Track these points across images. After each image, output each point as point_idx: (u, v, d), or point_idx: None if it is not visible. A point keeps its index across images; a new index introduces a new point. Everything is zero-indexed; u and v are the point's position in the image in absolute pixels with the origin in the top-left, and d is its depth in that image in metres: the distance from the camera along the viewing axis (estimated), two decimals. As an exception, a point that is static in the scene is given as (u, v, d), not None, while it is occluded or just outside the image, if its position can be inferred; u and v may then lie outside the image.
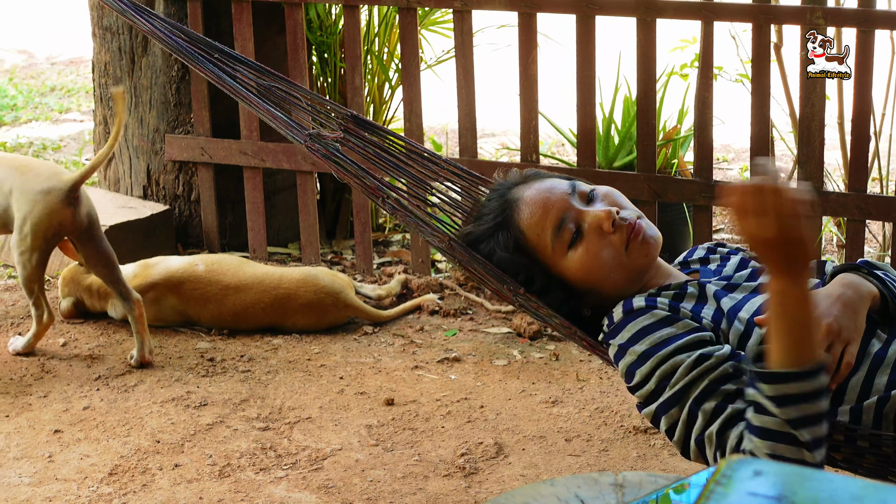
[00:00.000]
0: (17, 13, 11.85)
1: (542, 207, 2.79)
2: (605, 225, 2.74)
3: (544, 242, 2.79)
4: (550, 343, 4.92)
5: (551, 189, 2.83)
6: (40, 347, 4.89)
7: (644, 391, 2.57)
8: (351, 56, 5.46)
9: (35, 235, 4.63)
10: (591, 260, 2.75)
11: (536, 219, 2.79)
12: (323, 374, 4.68)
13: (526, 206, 2.82)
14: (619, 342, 2.65)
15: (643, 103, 5.11)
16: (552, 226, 2.77)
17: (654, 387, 2.55)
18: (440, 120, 7.92)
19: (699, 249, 3.04)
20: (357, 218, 5.57)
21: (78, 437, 4.24)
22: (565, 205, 2.79)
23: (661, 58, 5.12)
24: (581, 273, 2.77)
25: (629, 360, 2.61)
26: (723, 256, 2.97)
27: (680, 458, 4.00)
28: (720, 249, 3.01)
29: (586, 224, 2.76)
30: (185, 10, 5.57)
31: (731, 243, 3.14)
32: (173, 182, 5.87)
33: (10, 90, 8.93)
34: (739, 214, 2.29)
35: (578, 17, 5.09)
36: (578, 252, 2.76)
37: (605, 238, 2.75)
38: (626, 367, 2.62)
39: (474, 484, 3.91)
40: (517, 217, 2.82)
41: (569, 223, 2.77)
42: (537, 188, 2.84)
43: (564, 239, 2.77)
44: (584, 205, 2.80)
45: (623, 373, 2.63)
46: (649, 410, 2.56)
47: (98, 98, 6.02)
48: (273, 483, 3.93)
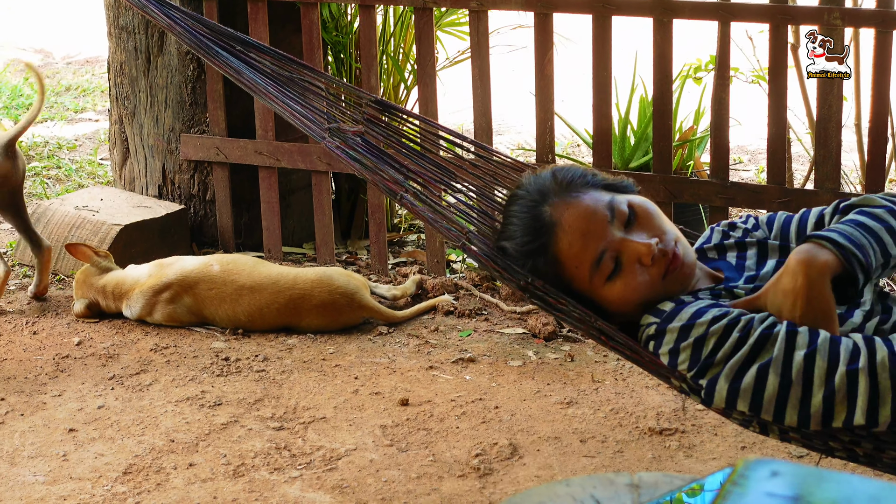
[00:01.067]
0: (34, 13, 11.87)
1: (582, 238, 2.75)
2: (645, 260, 2.72)
3: (583, 274, 2.76)
4: (566, 344, 4.91)
5: (591, 216, 2.76)
6: (55, 345, 4.90)
7: (722, 354, 2.57)
8: (366, 56, 5.46)
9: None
10: (630, 293, 2.74)
11: (576, 251, 2.75)
12: (338, 374, 4.67)
13: (565, 234, 2.76)
14: (679, 324, 2.63)
15: (659, 104, 5.10)
16: (591, 259, 2.74)
17: (738, 336, 2.56)
18: (456, 120, 7.92)
19: (714, 233, 3.00)
20: (372, 218, 5.56)
21: (92, 435, 4.24)
22: (604, 234, 2.74)
23: (677, 58, 5.11)
24: (618, 303, 2.77)
25: (697, 334, 2.60)
26: (738, 242, 2.94)
27: (696, 459, 3.99)
28: (733, 233, 2.98)
29: (625, 257, 2.73)
30: (201, 9, 5.57)
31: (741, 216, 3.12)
32: (189, 182, 5.88)
33: (26, 89, 8.94)
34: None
35: (595, 18, 5.08)
36: (617, 285, 2.74)
37: (643, 270, 2.73)
38: (693, 343, 2.60)
39: (489, 485, 3.90)
40: (555, 244, 2.78)
41: (608, 256, 2.74)
42: (575, 212, 2.77)
43: (603, 272, 2.74)
44: (622, 230, 2.75)
45: (689, 347, 2.61)
46: (729, 370, 2.56)
47: (113, 98, 6.02)
48: (287, 483, 3.93)
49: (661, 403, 4.38)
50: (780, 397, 2.52)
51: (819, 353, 2.48)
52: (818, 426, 2.51)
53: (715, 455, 4.06)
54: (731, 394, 2.56)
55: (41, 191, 6.75)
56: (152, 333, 5.02)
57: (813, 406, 2.49)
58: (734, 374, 2.54)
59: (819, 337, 2.50)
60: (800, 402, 2.50)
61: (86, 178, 7.02)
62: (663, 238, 2.75)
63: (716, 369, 2.56)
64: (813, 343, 2.49)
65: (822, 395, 2.48)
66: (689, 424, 4.24)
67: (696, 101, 5.86)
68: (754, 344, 2.53)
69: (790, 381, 2.50)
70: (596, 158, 5.24)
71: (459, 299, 5.31)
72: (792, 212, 4.61)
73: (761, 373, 2.52)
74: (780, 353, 2.50)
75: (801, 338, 2.50)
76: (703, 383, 2.59)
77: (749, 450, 4.09)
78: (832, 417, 2.49)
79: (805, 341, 2.50)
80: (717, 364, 2.56)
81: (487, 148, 3.32)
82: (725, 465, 2.91)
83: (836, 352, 2.48)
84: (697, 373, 2.59)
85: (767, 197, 4.99)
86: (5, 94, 8.78)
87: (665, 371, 2.70)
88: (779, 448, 4.01)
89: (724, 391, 2.56)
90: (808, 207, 4.91)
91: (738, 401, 2.55)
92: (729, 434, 4.17)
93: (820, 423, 2.50)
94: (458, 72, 6.34)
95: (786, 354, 2.50)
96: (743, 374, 2.53)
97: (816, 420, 2.50)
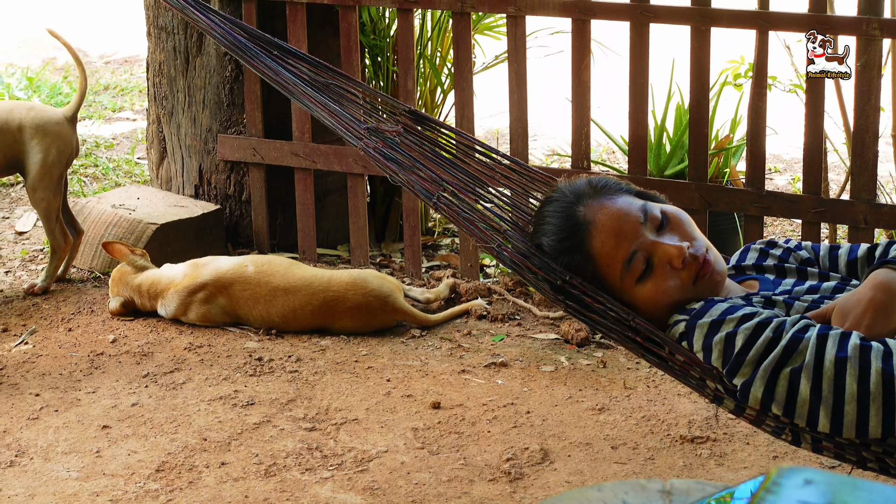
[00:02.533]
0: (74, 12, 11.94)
1: (615, 237, 2.79)
2: (676, 262, 2.76)
3: (614, 273, 2.80)
4: (598, 350, 4.91)
5: (624, 216, 2.81)
6: (90, 342, 4.93)
7: (754, 353, 2.58)
8: (404, 59, 5.48)
9: (59, 164, 5.34)
10: (660, 295, 2.78)
11: (608, 249, 2.79)
12: (370, 376, 4.68)
13: (598, 232, 2.80)
14: (711, 319, 2.66)
15: (696, 112, 5.09)
16: (623, 258, 2.78)
17: (771, 336, 2.57)
18: (491, 124, 7.92)
19: (751, 252, 3.03)
20: (407, 221, 5.57)
21: (126, 433, 4.27)
22: (637, 235, 2.79)
23: (714, 66, 5.10)
24: (647, 305, 2.80)
25: (728, 329, 2.62)
26: (777, 266, 2.96)
27: (727, 468, 3.98)
28: (773, 252, 3.00)
29: (656, 258, 2.77)
30: (240, 11, 5.60)
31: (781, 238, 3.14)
32: (225, 182, 5.90)
33: (65, 88, 8.99)
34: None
35: (632, 25, 5.08)
36: (647, 286, 2.78)
37: (674, 273, 2.77)
38: (724, 338, 2.63)
39: (519, 489, 3.91)
40: (588, 242, 2.81)
41: (639, 256, 2.77)
42: (609, 212, 2.82)
43: (634, 272, 2.78)
44: (654, 233, 2.79)
45: (721, 343, 2.63)
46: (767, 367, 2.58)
47: (152, 97, 6.06)
48: (318, 483, 3.94)
49: (693, 411, 4.38)
50: (813, 403, 2.53)
51: (851, 360, 2.49)
52: (851, 434, 2.52)
53: (746, 464, 4.05)
54: (765, 396, 2.57)
55: (79, 189, 6.79)
56: (186, 332, 5.05)
57: (846, 413, 2.50)
58: (768, 377, 2.56)
59: (850, 342, 2.52)
60: (832, 409, 2.51)
61: (123, 176, 7.06)
62: (694, 244, 2.79)
63: (748, 369, 2.58)
64: (844, 349, 2.51)
65: (856, 401, 2.49)
66: (721, 433, 4.23)
67: (732, 109, 5.85)
68: (787, 346, 2.55)
69: (821, 387, 2.51)
70: (631, 165, 5.24)
71: (492, 304, 5.32)
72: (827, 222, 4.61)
73: (794, 377, 2.53)
74: (811, 358, 2.52)
75: (832, 342, 2.52)
76: (737, 384, 2.61)
77: (781, 459, 4.09)
78: (867, 425, 2.50)
79: (835, 346, 2.51)
80: (748, 363, 2.58)
81: (521, 163, 3.34)
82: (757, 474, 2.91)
83: (868, 358, 2.49)
84: (730, 371, 2.62)
85: (803, 207, 4.98)
86: (44, 91, 8.83)
87: (696, 377, 2.71)
88: (811, 458, 4.00)
89: (759, 393, 2.58)
90: (843, 219, 4.93)
91: (772, 404, 2.57)
92: (761, 443, 4.16)
93: (854, 431, 2.51)
94: (495, 75, 6.34)
95: (816, 359, 2.52)
96: (776, 377, 2.55)
97: (850, 427, 2.51)
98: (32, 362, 4.80)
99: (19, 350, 4.90)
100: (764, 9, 4.89)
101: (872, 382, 2.48)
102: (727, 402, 2.71)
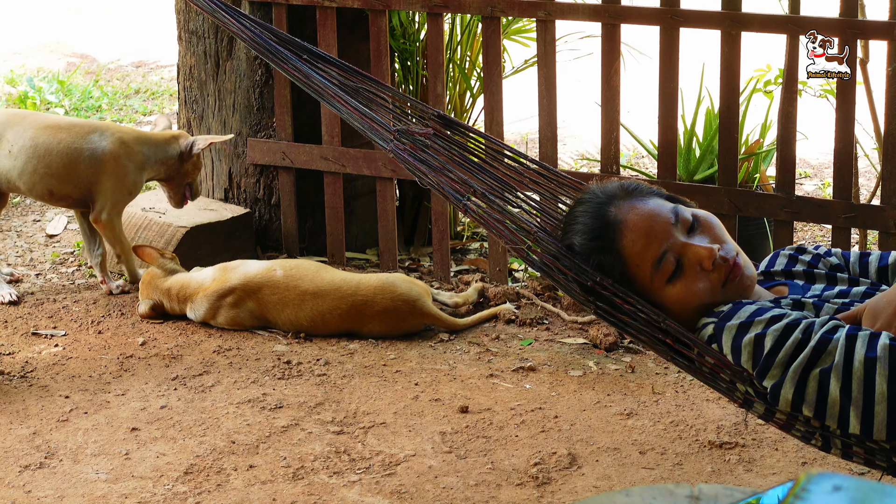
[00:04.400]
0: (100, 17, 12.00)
1: (646, 237, 2.79)
2: (706, 263, 2.76)
3: (644, 273, 2.80)
4: (626, 355, 4.90)
5: (655, 217, 2.81)
6: (120, 344, 4.95)
7: (783, 355, 2.58)
8: (433, 64, 5.48)
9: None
10: (689, 296, 2.78)
11: (638, 249, 2.79)
12: (398, 380, 4.69)
13: (629, 231, 2.80)
14: (739, 321, 2.66)
15: (726, 116, 5.08)
16: (653, 258, 2.78)
17: (800, 337, 2.57)
18: (521, 129, 7.92)
19: (780, 258, 3.03)
20: (436, 225, 5.58)
21: (155, 435, 4.28)
22: (667, 236, 2.79)
23: (744, 71, 5.09)
24: (677, 306, 2.80)
25: (756, 331, 2.62)
26: (807, 271, 2.96)
27: (755, 474, 3.97)
28: (802, 258, 3.00)
29: (687, 259, 2.77)
30: (271, 15, 5.61)
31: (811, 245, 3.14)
32: (254, 185, 5.92)
33: (95, 92, 9.03)
34: None
35: (662, 29, 5.07)
36: (677, 287, 2.78)
37: (704, 275, 2.76)
38: (753, 340, 2.62)
39: (547, 494, 3.90)
40: (619, 241, 2.82)
41: (670, 257, 2.77)
42: (640, 213, 2.82)
43: (664, 272, 2.78)
44: (685, 235, 2.80)
45: (750, 345, 2.63)
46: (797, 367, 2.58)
47: (182, 101, 6.08)
48: (346, 487, 3.94)
49: (721, 417, 4.36)
50: (843, 403, 2.52)
51: (880, 360, 2.49)
52: (882, 435, 2.51)
53: (775, 470, 4.03)
54: (795, 398, 2.57)
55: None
56: (215, 335, 5.06)
57: (877, 414, 2.50)
58: (798, 378, 2.55)
59: (879, 342, 2.51)
60: (862, 409, 2.51)
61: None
62: (724, 247, 2.79)
63: (777, 370, 2.58)
64: (873, 349, 2.50)
65: (886, 401, 2.48)
66: (750, 439, 4.22)
67: (762, 114, 5.83)
68: (816, 347, 2.54)
69: (851, 387, 2.50)
70: (661, 170, 5.23)
71: (521, 308, 5.31)
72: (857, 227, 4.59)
73: (824, 378, 2.53)
74: (840, 358, 2.51)
75: (861, 342, 2.52)
76: (767, 385, 2.60)
77: (810, 466, 4.07)
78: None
79: (864, 346, 2.51)
80: (778, 365, 2.58)
81: (550, 168, 3.34)
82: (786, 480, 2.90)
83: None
84: (760, 372, 2.61)
85: (833, 212, 4.96)
86: (75, 95, 8.87)
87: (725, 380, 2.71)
88: (839, 465, 3.98)
89: (790, 395, 2.57)
90: (874, 224, 4.91)
91: (802, 406, 2.56)
92: (790, 449, 4.15)
93: (884, 432, 2.50)
94: (524, 79, 6.34)
95: (846, 360, 2.51)
96: (806, 378, 2.55)
97: (880, 428, 2.50)
98: (62, 364, 4.82)
99: (49, 352, 4.92)
100: (794, 13, 4.88)
101: None
102: (757, 406, 2.70)
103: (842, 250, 3.05)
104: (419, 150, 3.14)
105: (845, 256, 3.01)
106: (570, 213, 2.97)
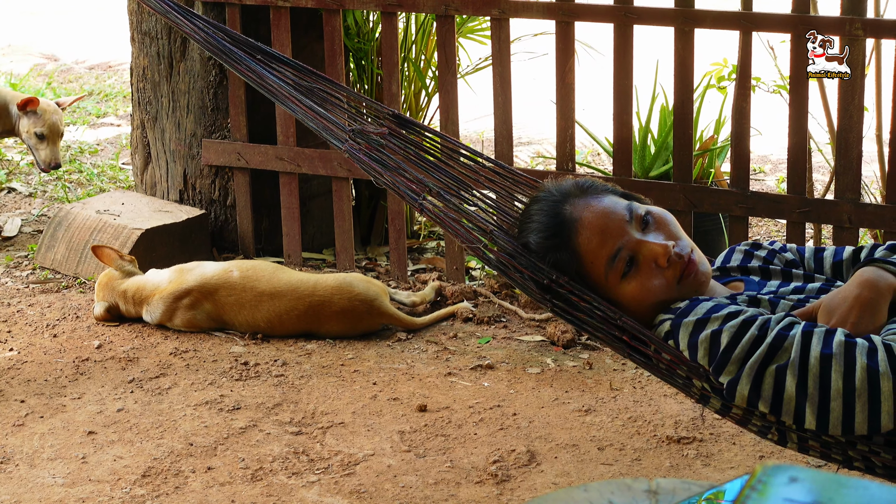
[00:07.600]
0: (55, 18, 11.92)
1: (600, 235, 2.79)
2: (661, 260, 2.76)
3: (599, 270, 2.80)
4: (584, 352, 4.91)
5: (609, 214, 2.81)
6: (75, 347, 4.92)
7: (739, 351, 2.59)
8: (388, 63, 5.47)
9: None
10: (644, 293, 2.78)
11: (593, 246, 2.79)
12: (356, 380, 4.68)
13: (584, 229, 2.80)
14: (696, 317, 2.66)
15: (680, 113, 5.10)
16: (608, 255, 2.78)
17: (756, 333, 2.58)
18: (476, 128, 7.93)
19: (735, 253, 3.03)
20: (392, 225, 5.57)
21: (111, 438, 4.26)
22: (622, 233, 2.79)
23: (699, 67, 5.10)
24: (632, 303, 2.80)
25: (713, 327, 2.63)
26: (762, 267, 2.97)
27: (713, 468, 3.99)
28: (758, 254, 3.01)
29: (641, 256, 2.77)
30: (224, 15, 5.59)
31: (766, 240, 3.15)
32: (210, 187, 5.89)
33: (49, 94, 8.97)
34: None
35: (616, 26, 5.08)
36: (632, 284, 2.78)
37: (659, 272, 2.77)
38: (709, 336, 2.63)
39: (506, 491, 3.91)
40: (574, 239, 2.81)
41: (624, 254, 2.77)
42: (594, 210, 2.82)
43: (618, 269, 2.78)
44: (640, 232, 2.80)
45: (706, 341, 2.64)
46: (751, 366, 2.58)
47: (136, 102, 6.04)
48: (305, 487, 3.93)
49: (679, 412, 4.38)
50: (799, 400, 2.53)
51: (836, 356, 2.50)
52: (837, 431, 2.52)
53: (733, 464, 4.05)
54: (752, 394, 2.57)
55: (63, 195, 6.77)
56: (172, 337, 5.04)
57: (832, 410, 2.51)
58: (754, 375, 2.56)
59: (834, 339, 2.52)
60: (818, 406, 2.52)
61: (107, 182, 7.05)
62: (678, 243, 2.79)
63: (733, 367, 2.59)
64: (828, 346, 2.51)
65: (842, 398, 2.49)
66: (707, 433, 4.24)
67: (716, 110, 5.86)
68: (772, 343, 2.55)
69: (807, 384, 2.52)
70: (616, 167, 5.24)
71: (478, 306, 5.31)
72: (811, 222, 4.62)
73: (780, 375, 2.53)
74: (796, 355, 2.52)
75: (816, 339, 2.53)
76: (724, 382, 2.61)
77: (767, 459, 4.09)
78: (853, 421, 2.50)
79: (820, 343, 2.52)
80: (734, 361, 2.58)
81: (505, 166, 3.34)
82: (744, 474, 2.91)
83: (853, 354, 2.50)
84: (716, 369, 2.62)
85: (787, 207, 4.99)
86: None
87: (682, 376, 2.71)
88: (796, 458, 4.00)
89: (746, 391, 2.58)
90: (828, 219, 4.94)
91: (759, 402, 2.57)
92: (747, 443, 4.16)
93: (840, 428, 2.51)
94: (479, 78, 6.34)
95: (802, 356, 2.52)
96: (762, 374, 2.55)
97: (836, 424, 2.51)
98: (17, 368, 4.79)
99: (4, 356, 4.88)
100: (747, 10, 4.90)
101: (858, 379, 2.48)
102: (713, 401, 2.71)
103: (797, 246, 3.06)
104: (374, 149, 3.13)
105: (800, 252, 3.03)
106: (525, 212, 2.97)
